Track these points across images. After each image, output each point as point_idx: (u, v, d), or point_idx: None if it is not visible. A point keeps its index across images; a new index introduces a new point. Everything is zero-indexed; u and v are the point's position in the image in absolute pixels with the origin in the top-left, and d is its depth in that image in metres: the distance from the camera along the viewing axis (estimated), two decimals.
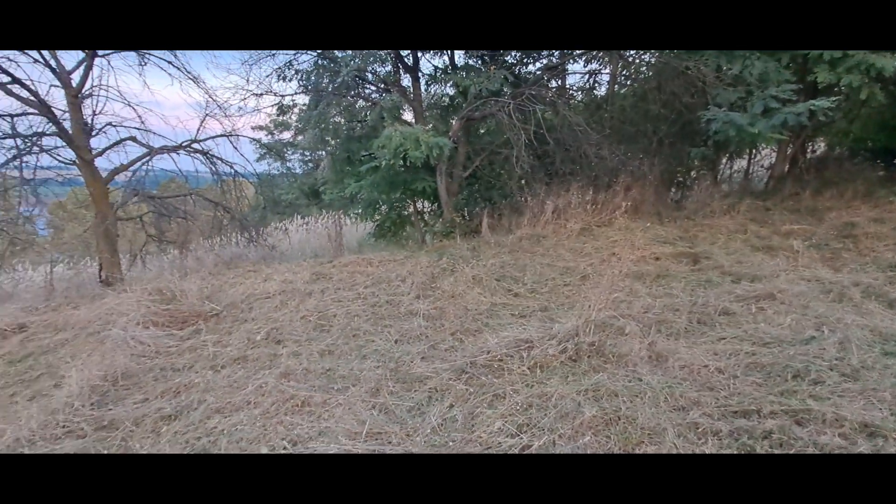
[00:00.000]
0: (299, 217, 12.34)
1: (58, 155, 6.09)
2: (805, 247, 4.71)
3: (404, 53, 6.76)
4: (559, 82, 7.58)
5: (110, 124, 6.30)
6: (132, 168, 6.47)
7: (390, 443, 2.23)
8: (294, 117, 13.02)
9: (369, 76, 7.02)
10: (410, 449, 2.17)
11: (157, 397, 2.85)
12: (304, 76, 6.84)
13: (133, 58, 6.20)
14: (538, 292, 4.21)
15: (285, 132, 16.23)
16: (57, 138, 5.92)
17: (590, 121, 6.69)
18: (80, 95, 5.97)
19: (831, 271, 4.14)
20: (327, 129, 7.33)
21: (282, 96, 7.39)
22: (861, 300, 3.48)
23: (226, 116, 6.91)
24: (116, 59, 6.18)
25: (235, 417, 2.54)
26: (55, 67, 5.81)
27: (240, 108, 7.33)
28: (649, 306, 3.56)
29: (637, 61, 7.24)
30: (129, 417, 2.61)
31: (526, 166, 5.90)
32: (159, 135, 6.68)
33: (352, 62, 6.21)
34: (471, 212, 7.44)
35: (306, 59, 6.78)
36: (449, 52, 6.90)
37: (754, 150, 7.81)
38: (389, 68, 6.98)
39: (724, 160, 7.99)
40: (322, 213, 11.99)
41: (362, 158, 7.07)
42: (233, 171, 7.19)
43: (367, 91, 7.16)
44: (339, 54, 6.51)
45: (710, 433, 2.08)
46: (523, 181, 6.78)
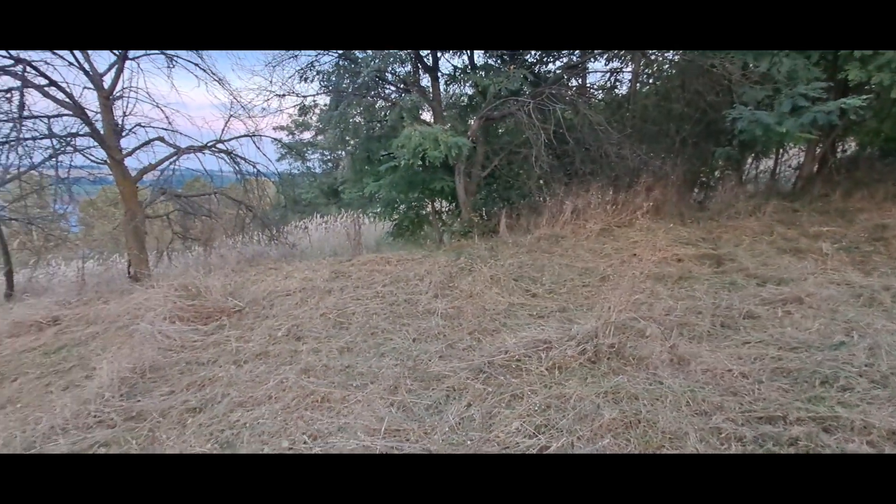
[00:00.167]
0: (319, 216, 12.52)
1: (90, 154, 6.35)
2: (834, 249, 4.57)
3: (424, 53, 6.80)
4: (579, 81, 7.49)
5: (139, 125, 6.55)
6: (160, 167, 6.69)
7: (408, 440, 2.25)
8: (315, 117, 13.26)
9: (389, 76, 7.09)
10: (428, 446, 2.18)
11: (183, 390, 2.93)
12: (325, 77, 6.95)
13: (161, 60, 6.41)
14: (556, 293, 4.18)
15: (306, 132, 16.53)
16: (90, 138, 6.16)
17: (611, 120, 6.61)
18: (111, 97, 6.19)
19: (861, 275, 4.01)
20: (347, 129, 7.43)
21: (303, 97, 7.55)
22: (892, 305, 3.36)
23: (249, 117, 7.10)
24: (146, 62, 6.43)
25: (257, 411, 2.59)
26: (89, 70, 6.04)
27: (263, 109, 7.52)
28: (671, 308, 3.50)
29: (660, 59, 7.10)
30: (156, 409, 2.69)
31: (545, 166, 5.85)
32: (186, 135, 6.92)
33: (372, 63, 6.27)
34: (489, 211, 7.42)
35: (328, 60, 6.91)
36: (468, 51, 6.91)
37: (781, 150, 7.59)
38: (409, 68, 7.03)
39: (750, 160, 7.78)
40: (341, 212, 12.14)
41: (381, 158, 7.13)
42: (255, 170, 7.36)
43: (386, 91, 7.23)
44: (359, 55, 6.59)
45: (733, 438, 2.04)
46: (542, 181, 6.73)
